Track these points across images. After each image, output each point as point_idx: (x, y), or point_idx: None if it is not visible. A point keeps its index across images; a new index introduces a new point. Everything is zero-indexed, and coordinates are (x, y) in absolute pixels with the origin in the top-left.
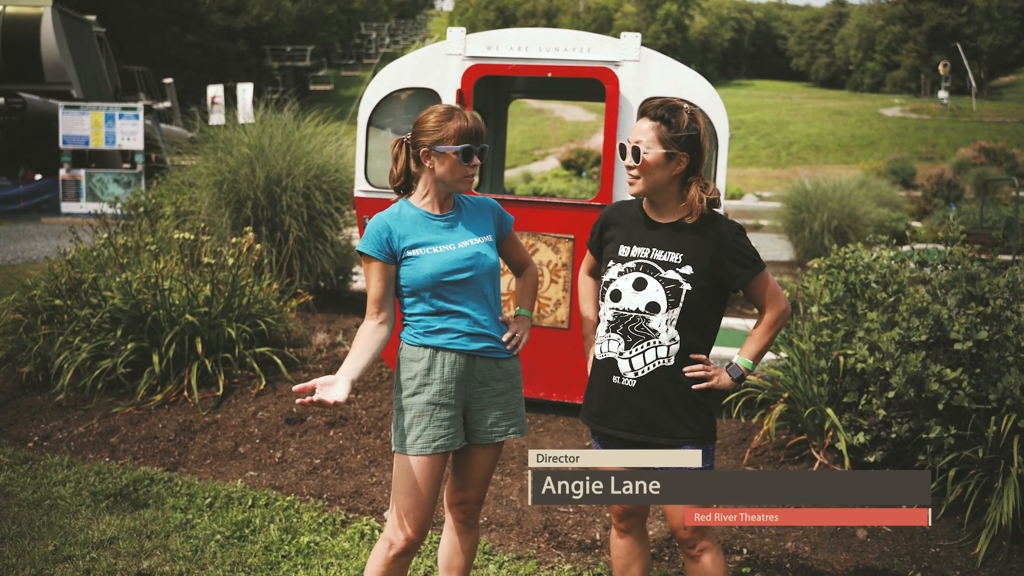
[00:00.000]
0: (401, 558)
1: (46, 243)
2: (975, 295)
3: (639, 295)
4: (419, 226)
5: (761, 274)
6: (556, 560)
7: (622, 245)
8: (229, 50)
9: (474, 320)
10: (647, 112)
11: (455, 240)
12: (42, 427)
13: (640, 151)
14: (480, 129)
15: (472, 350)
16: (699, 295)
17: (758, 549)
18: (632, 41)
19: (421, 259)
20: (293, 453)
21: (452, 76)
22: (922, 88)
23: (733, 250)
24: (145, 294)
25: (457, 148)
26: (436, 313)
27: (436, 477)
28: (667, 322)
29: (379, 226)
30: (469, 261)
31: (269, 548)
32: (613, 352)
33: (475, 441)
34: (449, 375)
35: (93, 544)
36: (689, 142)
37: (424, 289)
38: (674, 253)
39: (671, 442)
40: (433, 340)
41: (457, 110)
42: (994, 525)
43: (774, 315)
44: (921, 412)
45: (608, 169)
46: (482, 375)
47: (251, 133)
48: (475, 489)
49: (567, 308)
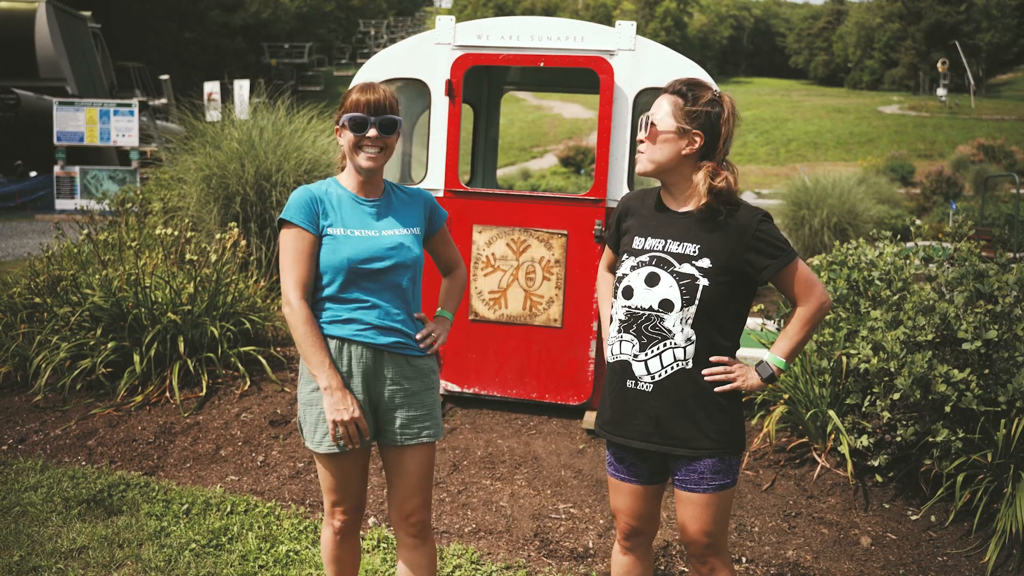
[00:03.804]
0: (348, 537)
1: (38, 240)
2: (984, 293)
3: (652, 291)
4: (344, 207)
5: (791, 263)
6: (547, 569)
7: (636, 237)
8: (227, 47)
9: (385, 312)
10: (668, 87)
11: (379, 228)
12: (18, 429)
13: (649, 122)
14: (382, 101)
15: (380, 344)
16: (718, 290)
17: (758, 557)
18: (627, 30)
19: (340, 240)
20: (276, 456)
21: (441, 66)
22: (920, 86)
23: (757, 239)
24: (126, 292)
25: (348, 116)
26: (346, 301)
27: (352, 469)
28: (682, 320)
29: (306, 196)
30: (390, 251)
31: (246, 557)
32: (626, 354)
33: (387, 442)
34: (356, 369)
35: (62, 554)
36: (705, 120)
37: (338, 273)
38: (690, 245)
39: (689, 453)
40: (340, 330)
41: (369, 85)
42: (1004, 533)
43: (810, 309)
44: (927, 414)
45: (602, 162)
46: (392, 372)
47: (241, 128)
48: (415, 498)
49: (560, 306)
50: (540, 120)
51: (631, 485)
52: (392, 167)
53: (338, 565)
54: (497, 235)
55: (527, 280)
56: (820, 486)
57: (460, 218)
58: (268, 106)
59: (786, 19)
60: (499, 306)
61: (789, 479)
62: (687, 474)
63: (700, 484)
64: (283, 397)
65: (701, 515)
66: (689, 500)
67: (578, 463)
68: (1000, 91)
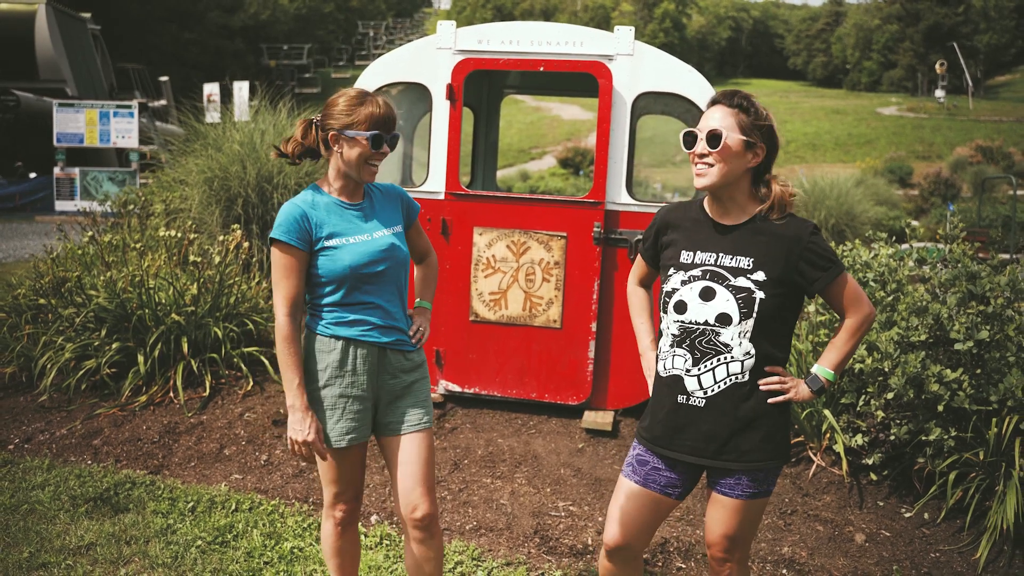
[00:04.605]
0: (348, 529)
1: (39, 242)
2: (976, 294)
3: (707, 306)
4: (333, 215)
5: (841, 276)
6: (547, 566)
7: (684, 251)
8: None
9: (386, 312)
10: (720, 100)
11: (369, 230)
12: (24, 429)
13: (721, 136)
14: (392, 116)
15: (384, 343)
16: (774, 303)
17: (754, 554)
18: (626, 35)
19: (340, 250)
20: (280, 455)
21: (442, 70)
22: (919, 87)
23: (809, 251)
24: (130, 293)
25: (367, 134)
26: (350, 305)
27: (354, 462)
28: (740, 334)
29: (296, 213)
30: (385, 253)
31: (251, 554)
32: (679, 369)
33: (389, 433)
34: (361, 368)
35: (70, 551)
36: (768, 133)
37: (341, 281)
38: (744, 258)
39: (741, 467)
40: (346, 332)
41: (368, 95)
42: (995, 529)
43: (857, 320)
44: (920, 413)
45: (601, 166)
46: (392, 368)
47: (243, 130)
48: (418, 487)
49: (559, 307)
50: (539, 122)
51: (651, 494)
52: (393, 170)
53: (340, 557)
54: (497, 237)
55: (527, 281)
56: (816, 484)
57: (460, 220)
58: (268, 108)
59: (785, 20)
60: (499, 307)
61: (785, 477)
62: (725, 477)
63: (735, 489)
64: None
65: (729, 519)
66: (720, 503)
67: (577, 462)
68: (998, 92)
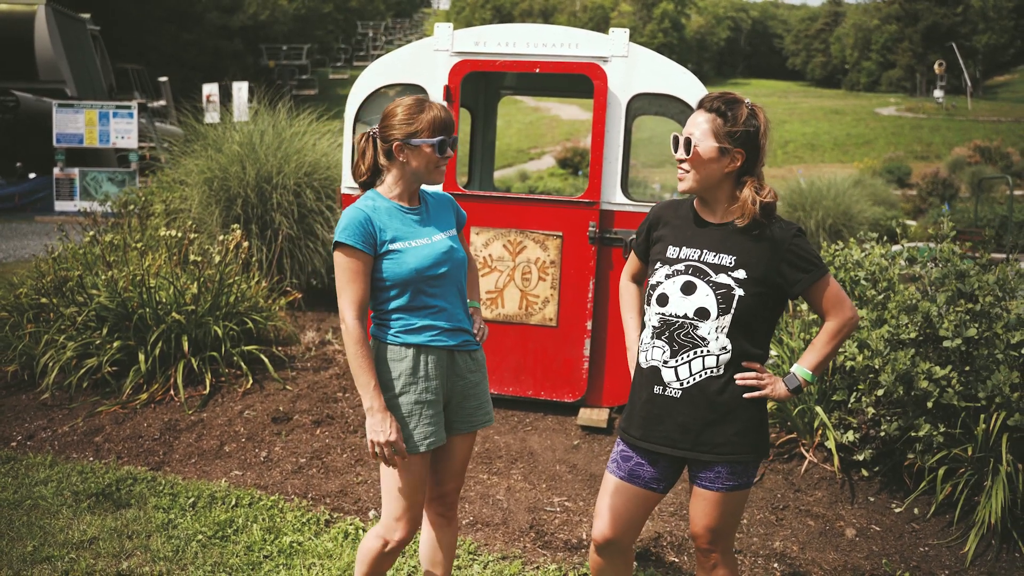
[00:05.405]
0: (393, 554)
1: (39, 242)
2: (964, 292)
3: (687, 300)
4: (395, 219)
5: (822, 279)
6: (542, 560)
7: (671, 246)
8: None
9: (451, 315)
10: (703, 104)
11: (428, 234)
12: (26, 426)
13: (692, 143)
14: (451, 119)
15: (451, 345)
16: (753, 301)
17: (746, 548)
18: (620, 37)
19: (404, 253)
20: (279, 452)
21: (440, 72)
22: (917, 87)
23: (791, 253)
24: (131, 292)
25: (433, 141)
26: (416, 309)
27: (426, 473)
28: (717, 329)
29: (360, 217)
30: (446, 255)
31: (251, 548)
32: (657, 360)
33: (452, 432)
34: (434, 373)
35: (73, 544)
36: (746, 138)
37: (406, 284)
38: (726, 255)
39: (715, 459)
40: (416, 338)
41: (426, 101)
42: (983, 524)
43: (838, 323)
44: (910, 410)
45: (596, 166)
46: (460, 369)
47: (242, 131)
48: (455, 480)
49: (555, 306)
50: (538, 122)
51: (636, 488)
52: None
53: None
54: (494, 236)
55: (523, 280)
56: (807, 480)
57: None
58: (267, 109)
59: (783, 20)
60: (496, 306)
61: (777, 473)
62: (704, 471)
63: (715, 482)
64: (284, 395)
65: (712, 512)
66: (702, 496)
67: (572, 458)
68: (997, 93)
